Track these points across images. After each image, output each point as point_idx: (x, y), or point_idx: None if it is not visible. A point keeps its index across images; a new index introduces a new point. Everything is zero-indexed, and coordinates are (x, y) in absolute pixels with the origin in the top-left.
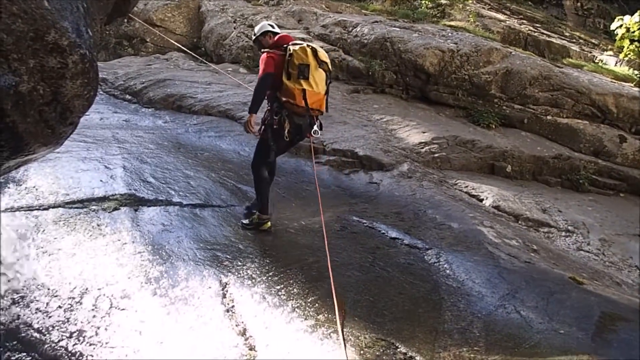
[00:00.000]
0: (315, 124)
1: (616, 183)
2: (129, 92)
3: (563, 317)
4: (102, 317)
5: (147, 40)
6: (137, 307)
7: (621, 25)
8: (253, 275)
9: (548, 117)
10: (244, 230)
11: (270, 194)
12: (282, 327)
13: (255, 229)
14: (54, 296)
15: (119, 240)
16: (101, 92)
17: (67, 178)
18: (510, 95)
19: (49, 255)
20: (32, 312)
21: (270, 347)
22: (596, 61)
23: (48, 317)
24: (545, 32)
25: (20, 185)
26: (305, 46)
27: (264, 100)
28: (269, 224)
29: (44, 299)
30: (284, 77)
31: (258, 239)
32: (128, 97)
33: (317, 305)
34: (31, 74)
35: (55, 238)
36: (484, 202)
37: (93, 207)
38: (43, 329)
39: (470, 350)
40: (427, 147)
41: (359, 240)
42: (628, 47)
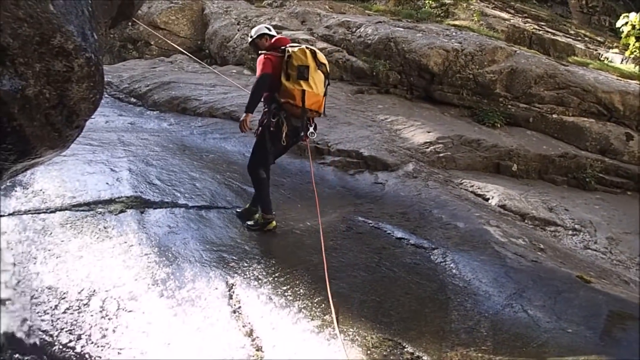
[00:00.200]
0: (311, 126)
1: (623, 181)
2: (134, 95)
3: (571, 316)
4: (109, 319)
5: (152, 43)
6: (144, 308)
7: (627, 23)
8: (259, 276)
9: (554, 116)
10: (250, 232)
11: (274, 196)
12: (289, 328)
13: (261, 230)
14: (62, 298)
15: (126, 242)
16: (106, 96)
17: (73, 181)
18: (515, 94)
19: (57, 257)
20: (41, 315)
21: (277, 347)
22: (602, 59)
23: (56, 319)
24: (550, 30)
25: (27, 188)
26: (305, 48)
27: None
28: (274, 223)
29: (52, 301)
30: (282, 78)
31: (264, 240)
32: (133, 100)
33: (323, 305)
34: (37, 77)
35: (62, 241)
36: (489, 201)
37: (99, 210)
38: (51, 331)
39: (478, 349)
40: (432, 147)
41: (365, 241)
42: (634, 45)
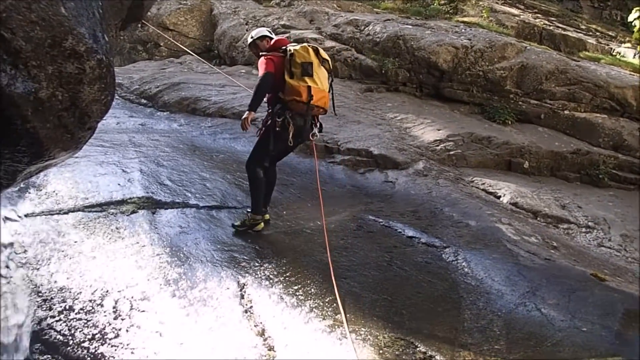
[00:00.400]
0: (316, 125)
1: (637, 177)
2: (144, 96)
3: (585, 314)
4: (122, 319)
5: (161, 44)
6: (156, 308)
7: (639, 17)
8: (270, 276)
9: (565, 112)
10: (237, 233)
11: (284, 195)
12: (301, 327)
13: (250, 230)
14: (76, 299)
15: (138, 242)
16: (117, 97)
17: (85, 182)
18: (526, 91)
19: (70, 258)
20: (55, 315)
21: (289, 347)
22: (614, 54)
23: (70, 319)
24: (560, 25)
25: (41, 190)
26: (307, 45)
27: (263, 103)
28: (262, 225)
29: (66, 301)
30: (286, 77)
31: (274, 240)
32: (143, 101)
33: (334, 305)
34: (50, 80)
35: (75, 242)
36: (501, 199)
37: (112, 211)
38: (66, 331)
39: (491, 348)
40: (442, 145)
41: (376, 240)
42: None
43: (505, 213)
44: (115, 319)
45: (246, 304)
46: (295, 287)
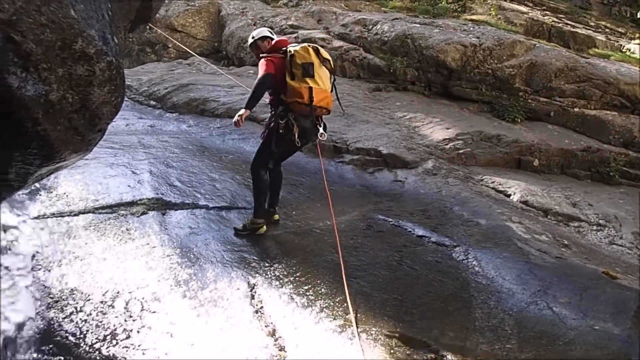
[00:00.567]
0: (320, 125)
1: None
2: (153, 98)
3: (597, 312)
4: (134, 320)
5: (169, 46)
6: (167, 309)
7: None
8: (280, 276)
9: (575, 109)
10: (238, 237)
11: (293, 195)
12: (311, 328)
13: (251, 234)
14: (87, 300)
15: (148, 244)
16: (126, 99)
17: (96, 184)
18: (535, 88)
19: (81, 260)
20: (67, 316)
21: (300, 347)
22: (623, 50)
23: (82, 320)
24: (569, 22)
25: (51, 192)
26: (307, 45)
27: (263, 104)
28: (264, 228)
29: (77, 302)
30: (287, 78)
31: (284, 240)
32: (152, 102)
33: (345, 304)
34: (60, 82)
35: (86, 243)
36: (511, 197)
37: (122, 212)
38: (77, 333)
39: (503, 348)
40: (451, 144)
41: (386, 239)
42: None
43: (515, 211)
44: (126, 320)
45: (257, 305)
46: (306, 287)
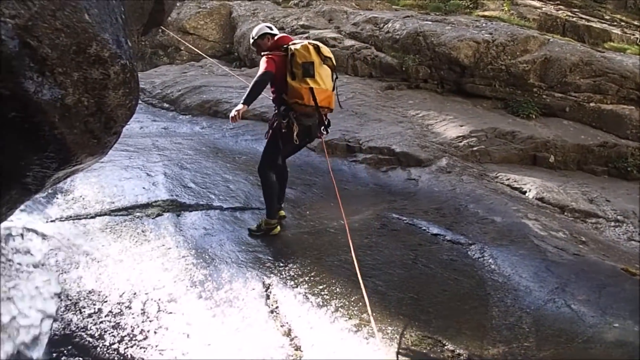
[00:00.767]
0: (324, 123)
1: None
2: (166, 101)
3: (617, 310)
4: (150, 321)
5: (182, 48)
6: (183, 310)
7: None
8: (295, 276)
9: (591, 104)
10: (252, 237)
11: (307, 195)
12: (327, 327)
13: (265, 235)
14: (105, 301)
15: (164, 245)
16: (140, 102)
17: (111, 186)
18: (550, 84)
19: (98, 262)
20: (85, 317)
21: (315, 347)
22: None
23: (100, 321)
24: (584, 16)
25: (68, 195)
26: (307, 44)
27: (263, 101)
28: (278, 229)
29: (95, 304)
30: (288, 78)
31: (298, 240)
32: (166, 105)
33: (360, 304)
34: (76, 86)
35: (102, 245)
36: (527, 194)
37: (137, 214)
38: (96, 334)
39: (520, 346)
40: (465, 141)
41: (400, 238)
42: None
43: (531, 208)
44: (143, 321)
45: (272, 305)
46: (320, 287)
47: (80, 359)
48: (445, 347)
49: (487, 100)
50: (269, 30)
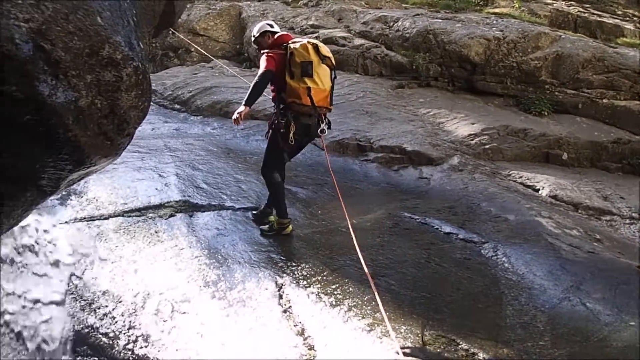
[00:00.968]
0: (323, 122)
1: None
2: (177, 102)
3: (633, 308)
4: (164, 321)
5: (192, 49)
6: (197, 310)
7: None
8: (308, 275)
9: (604, 101)
10: (264, 237)
11: (319, 194)
12: (340, 327)
13: (278, 234)
14: (119, 302)
15: (177, 245)
16: (151, 103)
17: (124, 188)
18: (562, 80)
19: (112, 262)
20: (100, 318)
21: (329, 346)
22: None
23: (114, 322)
24: (595, 12)
25: (82, 196)
26: (306, 43)
27: (263, 100)
28: (290, 228)
29: (109, 304)
30: (287, 77)
31: (311, 240)
32: (177, 106)
33: (373, 303)
34: (89, 88)
35: (116, 246)
36: (540, 192)
37: (150, 215)
38: (110, 334)
39: (535, 345)
40: (477, 139)
41: (413, 237)
42: None
43: (544, 206)
44: (157, 321)
45: (285, 304)
46: (333, 286)
47: (96, 359)
48: (460, 346)
49: (499, 97)
50: (269, 28)
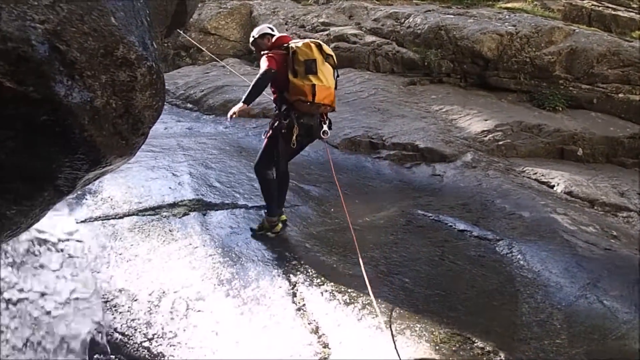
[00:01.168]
0: (325, 123)
1: None
2: (189, 101)
3: None
4: (180, 319)
5: (203, 49)
6: (212, 308)
7: None
8: (321, 273)
9: (619, 95)
10: (254, 238)
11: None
12: (354, 324)
13: (268, 233)
14: (134, 300)
15: (191, 244)
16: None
17: (138, 187)
18: (576, 75)
19: (127, 261)
20: (116, 316)
21: (343, 344)
22: None
23: (130, 320)
24: (610, 5)
25: (97, 196)
26: (309, 42)
27: (268, 100)
28: (280, 226)
29: (125, 302)
30: (290, 76)
31: (324, 238)
32: (189, 105)
33: (387, 301)
34: (104, 88)
35: (131, 245)
36: (555, 188)
37: (164, 214)
38: (126, 332)
39: (552, 343)
40: (490, 135)
41: (426, 234)
42: None
43: (559, 203)
44: (172, 319)
45: (299, 302)
46: (347, 284)
47: (112, 356)
48: (475, 344)
49: (512, 93)
50: (269, 31)
